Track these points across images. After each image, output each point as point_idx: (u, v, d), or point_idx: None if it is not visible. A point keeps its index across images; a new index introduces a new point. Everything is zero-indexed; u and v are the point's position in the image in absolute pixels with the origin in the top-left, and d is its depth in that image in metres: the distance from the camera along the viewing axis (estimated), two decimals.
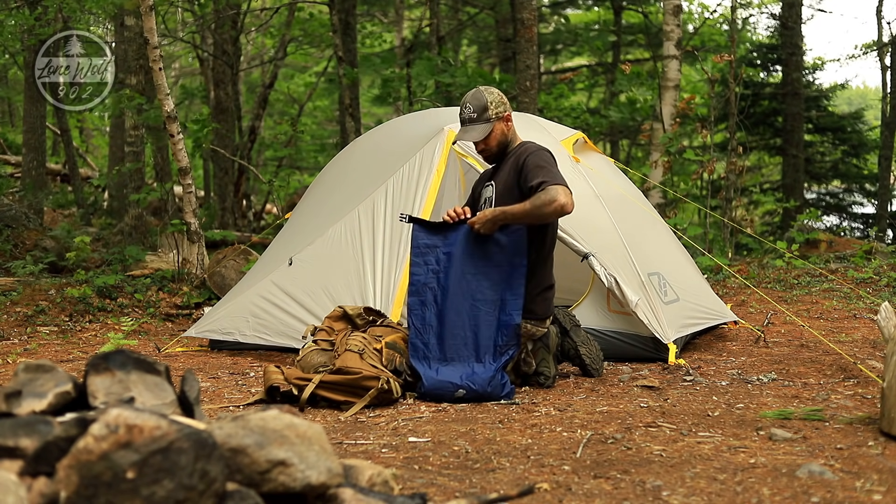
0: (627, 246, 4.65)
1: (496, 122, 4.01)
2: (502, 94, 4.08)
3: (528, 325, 3.97)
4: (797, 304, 6.54)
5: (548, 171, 3.82)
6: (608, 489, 2.46)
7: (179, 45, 17.90)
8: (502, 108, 4.02)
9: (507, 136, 4.07)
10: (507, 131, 4.06)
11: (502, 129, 4.04)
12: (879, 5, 14.82)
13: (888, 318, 3.77)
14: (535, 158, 3.89)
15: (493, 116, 4.00)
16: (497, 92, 4.06)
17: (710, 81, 10.28)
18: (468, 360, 3.77)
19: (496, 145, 4.06)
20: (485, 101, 3.99)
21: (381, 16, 18.72)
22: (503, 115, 4.02)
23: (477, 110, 4.00)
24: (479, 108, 4.00)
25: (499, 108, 4.01)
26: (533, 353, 4.05)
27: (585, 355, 4.21)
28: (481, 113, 3.99)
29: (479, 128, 4.01)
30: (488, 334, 3.79)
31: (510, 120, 4.06)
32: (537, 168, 3.84)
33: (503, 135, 4.05)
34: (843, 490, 2.39)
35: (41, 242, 8.89)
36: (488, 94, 4.02)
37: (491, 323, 3.80)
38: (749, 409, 3.42)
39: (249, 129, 13.56)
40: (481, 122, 4.00)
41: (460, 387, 3.69)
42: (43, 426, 1.75)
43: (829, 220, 15.20)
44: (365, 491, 1.93)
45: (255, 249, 7.77)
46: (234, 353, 5.10)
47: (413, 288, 3.94)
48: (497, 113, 4.00)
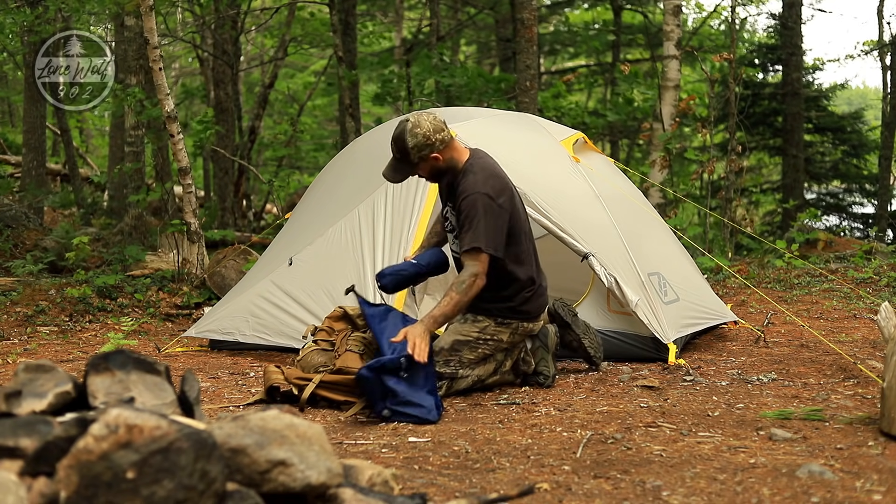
0: (627, 246, 4.65)
1: (420, 163, 3.82)
2: (433, 132, 3.77)
3: (524, 325, 3.97)
4: (797, 304, 6.54)
5: (474, 234, 3.70)
6: (608, 489, 2.46)
7: (179, 45, 17.90)
8: (427, 151, 3.76)
9: (441, 166, 3.85)
10: (438, 165, 3.84)
11: (431, 165, 3.84)
12: (880, 5, 14.79)
13: (888, 318, 3.77)
14: (467, 209, 3.74)
15: (417, 159, 3.78)
16: (424, 132, 3.75)
17: (710, 81, 10.28)
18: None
19: (429, 175, 3.92)
20: (406, 145, 3.76)
21: (381, 16, 18.72)
22: (428, 157, 3.78)
23: (399, 152, 3.82)
24: (400, 151, 3.80)
25: (423, 151, 3.76)
26: (532, 353, 4.06)
27: (589, 346, 4.24)
28: (404, 156, 3.80)
29: (402, 170, 3.88)
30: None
31: (440, 157, 3.81)
32: (469, 226, 3.72)
33: (433, 168, 3.86)
34: (843, 490, 2.39)
35: (41, 242, 8.89)
36: (412, 137, 3.75)
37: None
38: (749, 409, 3.42)
39: (249, 129, 13.56)
40: (403, 163, 3.85)
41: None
42: (43, 426, 1.75)
43: (829, 220, 15.20)
44: (365, 491, 1.93)
45: (255, 249, 7.77)
46: (234, 353, 5.10)
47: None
48: (421, 156, 3.77)
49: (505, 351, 4.00)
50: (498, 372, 3.99)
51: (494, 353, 3.96)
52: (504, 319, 3.93)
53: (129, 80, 9.40)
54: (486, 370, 3.94)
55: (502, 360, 4.00)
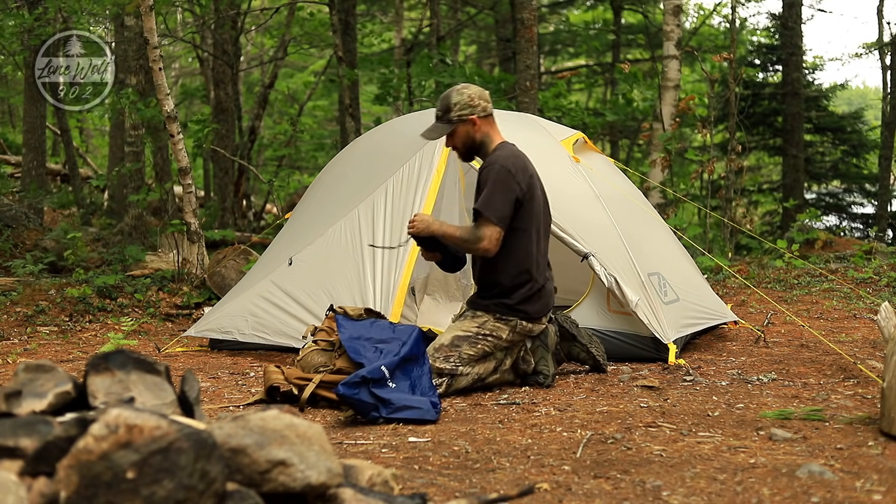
0: (627, 246, 4.65)
1: (458, 124, 3.93)
2: (478, 96, 3.95)
3: (524, 324, 3.97)
4: (797, 304, 6.54)
5: (492, 202, 3.80)
6: (608, 489, 2.46)
7: (179, 45, 17.89)
8: (467, 111, 3.91)
9: (475, 137, 3.97)
10: (473, 133, 3.96)
11: (466, 132, 3.95)
12: (880, 5, 14.78)
13: (888, 318, 3.77)
14: (486, 176, 3.87)
15: (455, 118, 3.93)
16: (470, 94, 3.94)
17: (709, 81, 10.28)
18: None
19: (461, 144, 4.02)
20: (449, 102, 3.94)
21: (381, 16, 18.71)
22: (467, 118, 3.92)
23: (441, 110, 3.97)
24: (444, 108, 3.96)
25: (462, 111, 3.91)
26: (532, 352, 4.06)
27: (598, 355, 4.26)
28: (444, 113, 3.96)
29: (439, 128, 3.99)
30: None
31: (478, 123, 3.94)
32: (486, 193, 3.83)
33: (468, 137, 3.97)
34: (843, 490, 2.39)
35: (41, 242, 8.89)
36: (456, 95, 3.94)
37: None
38: (749, 409, 3.42)
39: (249, 129, 13.55)
40: (442, 122, 3.97)
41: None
42: (43, 426, 1.75)
43: (829, 220, 15.20)
44: (365, 491, 1.93)
45: (255, 249, 7.77)
46: (234, 353, 5.10)
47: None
48: (460, 115, 3.92)
49: (505, 349, 4.00)
50: (498, 370, 3.99)
51: (494, 352, 3.96)
52: (502, 316, 3.93)
53: (129, 80, 9.39)
54: (485, 368, 3.94)
55: (502, 358, 4.00)
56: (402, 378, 3.57)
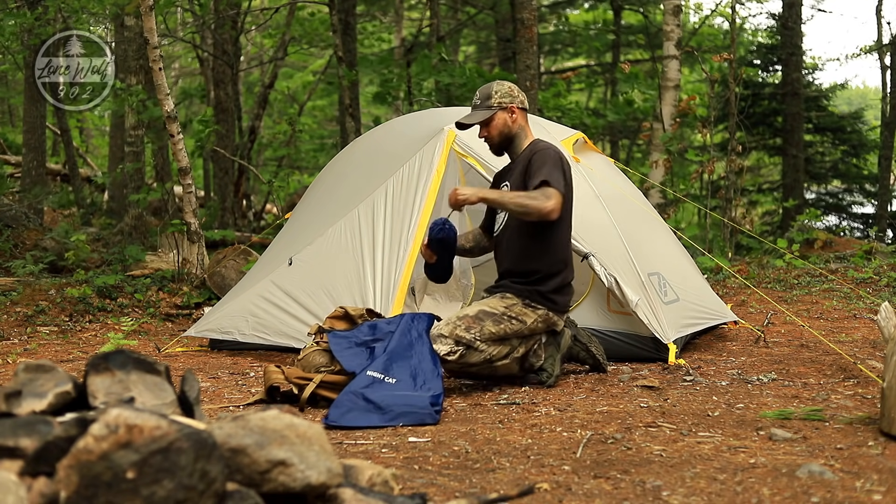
0: (627, 246, 4.65)
1: (498, 110, 4.06)
2: (517, 90, 4.13)
3: (550, 314, 3.99)
4: (797, 304, 6.54)
5: (549, 171, 3.88)
6: (608, 489, 2.45)
7: (179, 45, 17.89)
8: (507, 99, 4.07)
9: (512, 128, 4.09)
10: (510, 123, 4.08)
11: (504, 120, 4.07)
12: (879, 5, 14.79)
13: (888, 318, 3.77)
14: (542, 156, 3.96)
15: (496, 105, 4.06)
16: (510, 85, 4.13)
17: (710, 81, 10.28)
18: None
19: (497, 134, 4.10)
20: (490, 90, 4.09)
21: (381, 16, 18.71)
22: (507, 105, 4.07)
23: (482, 98, 4.12)
24: (484, 95, 4.11)
25: (503, 98, 4.07)
26: (544, 347, 4.06)
27: (598, 354, 4.27)
28: (485, 100, 4.09)
29: (479, 113, 4.10)
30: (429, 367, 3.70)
31: (516, 113, 4.09)
32: (541, 166, 3.91)
33: (505, 125, 4.08)
34: (843, 490, 2.39)
35: (41, 242, 8.89)
36: (498, 85, 4.12)
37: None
38: (749, 409, 3.42)
39: (249, 129, 13.55)
40: (482, 108, 4.09)
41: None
42: (43, 426, 1.75)
43: (829, 220, 15.20)
44: (365, 491, 1.93)
45: (255, 249, 7.76)
46: (234, 353, 5.10)
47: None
48: (500, 102, 4.06)
49: (523, 338, 3.99)
50: (509, 357, 3.96)
51: (512, 337, 3.95)
52: (532, 302, 3.96)
53: (129, 80, 9.39)
54: (499, 351, 3.92)
55: (517, 345, 3.99)
56: (401, 369, 3.58)
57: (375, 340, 3.78)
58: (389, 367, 3.58)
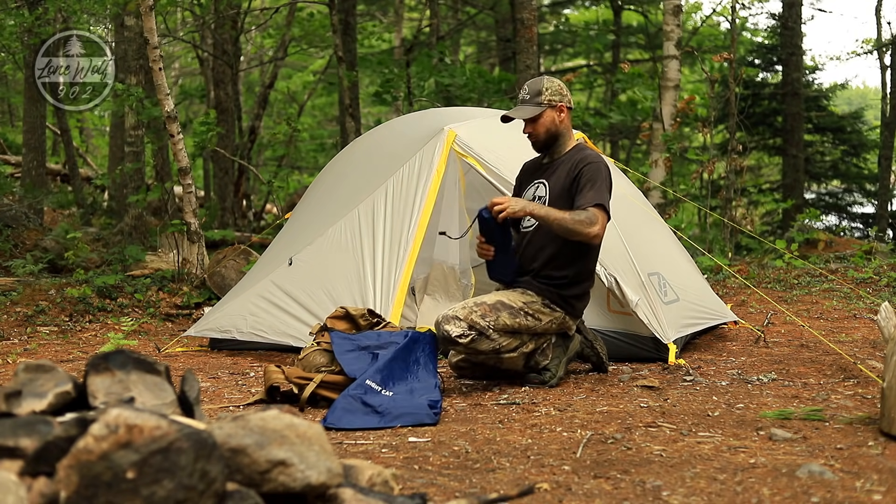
0: (627, 246, 4.65)
1: (547, 108, 4.02)
2: (566, 89, 4.11)
3: (566, 318, 4.01)
4: (797, 304, 6.54)
5: (601, 192, 3.88)
6: (608, 489, 2.45)
7: (179, 45, 17.89)
8: (557, 98, 4.03)
9: (559, 127, 4.07)
10: (558, 122, 4.06)
11: (553, 118, 4.04)
12: (879, 5, 14.80)
13: (888, 318, 3.77)
14: (593, 172, 3.92)
15: (545, 102, 4.02)
16: (559, 83, 4.09)
17: (710, 81, 10.28)
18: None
19: (544, 132, 4.07)
20: (541, 86, 4.04)
21: (381, 16, 18.71)
22: (557, 104, 4.03)
23: (531, 93, 4.05)
24: (534, 91, 4.05)
25: (553, 95, 4.03)
26: (552, 348, 4.06)
27: (602, 353, 4.28)
28: (534, 96, 4.04)
29: (527, 108, 4.04)
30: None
31: (564, 112, 4.06)
32: (592, 185, 3.88)
33: (553, 124, 4.05)
34: (843, 490, 2.39)
35: (41, 242, 8.89)
36: (548, 81, 4.08)
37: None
38: (749, 409, 3.42)
39: (249, 129, 13.56)
40: (531, 104, 4.04)
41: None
42: (43, 426, 1.75)
43: (829, 220, 15.20)
44: (365, 491, 1.93)
45: (255, 249, 7.77)
46: (234, 353, 5.10)
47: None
48: (550, 100, 4.02)
49: (535, 335, 3.99)
50: (517, 350, 3.95)
51: (524, 333, 3.94)
52: (551, 303, 3.96)
53: (129, 80, 9.39)
54: (509, 343, 3.90)
55: (527, 341, 3.98)
56: (399, 382, 3.58)
57: (380, 347, 3.77)
58: (388, 383, 3.58)
